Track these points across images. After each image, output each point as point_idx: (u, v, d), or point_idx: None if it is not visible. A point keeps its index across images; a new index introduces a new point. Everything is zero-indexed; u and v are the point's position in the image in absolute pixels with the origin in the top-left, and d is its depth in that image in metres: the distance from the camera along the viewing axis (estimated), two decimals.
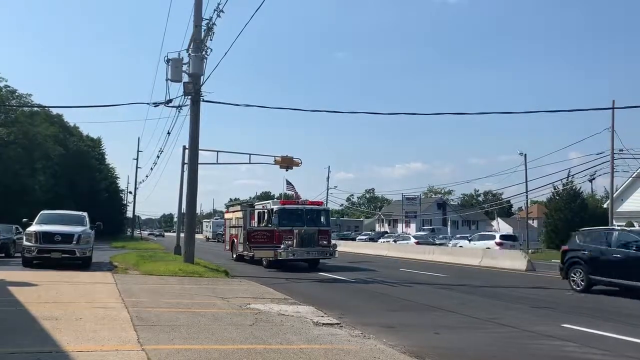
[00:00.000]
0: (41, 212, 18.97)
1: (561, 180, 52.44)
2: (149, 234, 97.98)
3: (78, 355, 5.65)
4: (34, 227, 17.15)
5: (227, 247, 27.61)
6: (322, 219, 22.19)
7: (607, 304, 12.87)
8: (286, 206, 21.92)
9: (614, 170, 37.81)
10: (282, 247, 20.29)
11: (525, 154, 49.82)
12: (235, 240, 26.03)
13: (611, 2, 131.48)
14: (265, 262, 21.40)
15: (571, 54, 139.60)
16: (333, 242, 22.97)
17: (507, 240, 38.97)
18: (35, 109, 47.40)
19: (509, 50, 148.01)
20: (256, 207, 24.18)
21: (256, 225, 23.15)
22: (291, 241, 20.59)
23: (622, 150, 38.34)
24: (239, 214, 26.21)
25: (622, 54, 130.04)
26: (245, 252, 24.43)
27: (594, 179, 46.44)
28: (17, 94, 44.85)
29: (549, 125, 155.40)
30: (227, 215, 30.16)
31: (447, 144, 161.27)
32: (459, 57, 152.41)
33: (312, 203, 23.66)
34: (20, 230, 22.00)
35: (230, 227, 27.93)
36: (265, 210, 22.17)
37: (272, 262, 20.92)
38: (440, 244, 42.74)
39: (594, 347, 7.66)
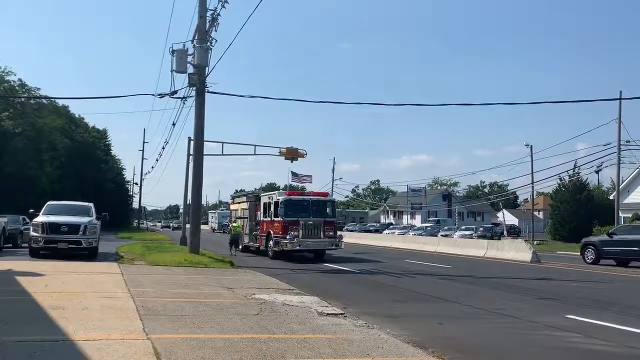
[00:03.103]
0: (48, 203, 19.07)
1: (567, 171, 52.25)
2: (162, 226, 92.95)
3: (84, 344, 5.71)
4: (40, 218, 17.26)
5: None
6: (328, 209, 22.08)
7: (609, 294, 12.88)
8: (292, 197, 21.82)
9: (621, 161, 37.59)
10: (288, 237, 20.26)
11: (531, 146, 49.55)
12: (241, 232, 26.13)
13: None
14: (271, 253, 21.39)
15: (579, 44, 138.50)
16: (339, 233, 22.89)
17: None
18: (43, 101, 47.54)
19: (516, 40, 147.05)
20: (262, 198, 24.06)
21: (262, 216, 23.13)
22: (297, 232, 20.55)
23: (629, 141, 38.16)
24: (245, 205, 26.18)
25: (631, 44, 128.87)
26: (251, 243, 24.47)
27: (600, 170, 46.11)
28: (26, 87, 45.03)
29: (555, 117, 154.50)
30: (232, 207, 30.10)
31: (453, 135, 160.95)
32: (466, 48, 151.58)
33: (318, 194, 23.56)
34: (27, 220, 22.14)
35: (236, 218, 27.90)
36: (271, 202, 22.09)
37: (278, 253, 20.92)
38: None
39: (597, 337, 7.67)
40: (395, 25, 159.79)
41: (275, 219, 21.31)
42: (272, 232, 21.52)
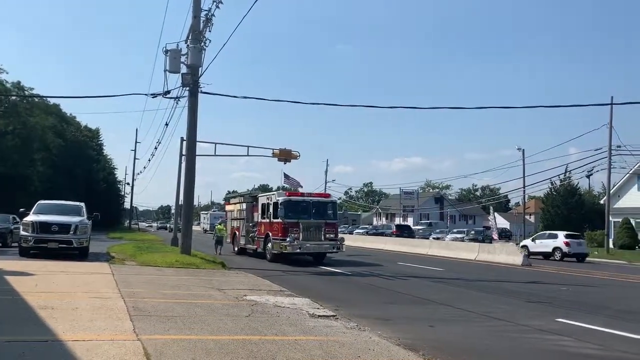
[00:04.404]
0: (38, 202, 18.94)
1: (559, 175, 52.59)
2: (158, 227, 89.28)
3: (74, 344, 5.68)
4: (31, 217, 17.14)
5: (229, 240, 26.71)
6: (329, 211, 21.23)
7: (600, 298, 12.96)
8: (292, 198, 20.96)
9: (612, 166, 37.84)
10: (287, 240, 19.59)
11: (523, 149, 49.79)
12: (237, 233, 25.33)
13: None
14: (270, 255, 20.71)
15: (572, 49, 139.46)
16: (340, 235, 22.22)
17: None
18: (35, 99, 47.24)
19: (511, 44, 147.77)
20: (260, 198, 23.12)
21: (260, 217, 22.41)
22: (297, 234, 19.83)
23: (619, 146, 38.38)
24: (242, 206, 25.22)
25: (623, 51, 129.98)
26: (248, 245, 23.63)
27: (591, 174, 46.46)
28: (19, 86, 44.73)
29: (548, 121, 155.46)
30: (228, 207, 29.05)
31: (447, 139, 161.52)
32: (461, 51, 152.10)
33: (319, 195, 22.83)
34: (18, 220, 21.96)
35: (231, 219, 27.03)
36: (270, 202, 21.27)
37: (277, 256, 20.31)
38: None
39: (587, 341, 7.72)
40: (393, 27, 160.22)
41: (275, 220, 20.57)
42: (270, 234, 20.80)
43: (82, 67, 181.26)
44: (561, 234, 30.88)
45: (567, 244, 29.31)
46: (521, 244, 33.00)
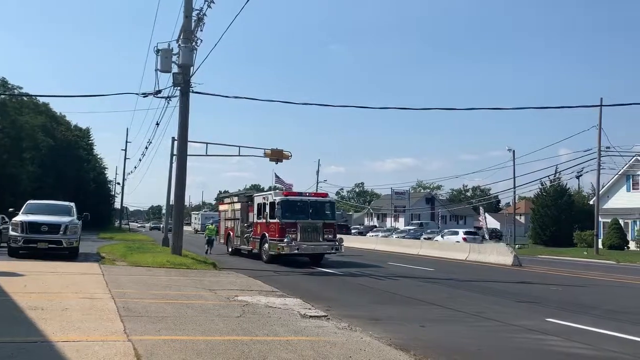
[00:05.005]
0: (28, 202, 18.82)
1: (549, 176, 52.88)
2: (151, 228, 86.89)
3: (64, 345, 5.64)
4: (20, 217, 17.03)
5: (222, 241, 26.42)
6: (327, 211, 20.89)
7: (590, 298, 13.06)
8: (290, 197, 20.51)
9: (601, 167, 38.13)
10: (285, 240, 19.20)
11: (514, 150, 50.13)
12: (231, 234, 25.02)
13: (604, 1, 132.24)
14: (266, 256, 20.37)
15: (565, 50, 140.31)
16: (338, 236, 21.87)
17: None
18: (24, 98, 46.91)
19: (506, 44, 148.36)
20: (255, 198, 22.64)
21: (255, 217, 22.02)
22: (295, 235, 19.46)
23: (609, 147, 38.67)
24: (236, 206, 24.88)
25: (614, 52, 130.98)
26: (243, 246, 23.32)
27: (581, 175, 46.77)
28: (8, 85, 44.40)
29: (539, 121, 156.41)
30: (221, 207, 28.64)
31: (438, 139, 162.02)
32: (453, 51, 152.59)
33: (317, 194, 22.51)
34: (7, 219, 21.79)
35: (225, 219, 26.64)
36: (267, 202, 20.82)
37: (274, 257, 19.95)
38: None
39: (577, 341, 7.78)
40: (387, 28, 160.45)
41: (271, 220, 20.16)
42: (267, 234, 20.44)
43: (72, 67, 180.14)
44: (461, 231, 39.89)
45: (464, 239, 36.55)
46: (434, 239, 40.03)
